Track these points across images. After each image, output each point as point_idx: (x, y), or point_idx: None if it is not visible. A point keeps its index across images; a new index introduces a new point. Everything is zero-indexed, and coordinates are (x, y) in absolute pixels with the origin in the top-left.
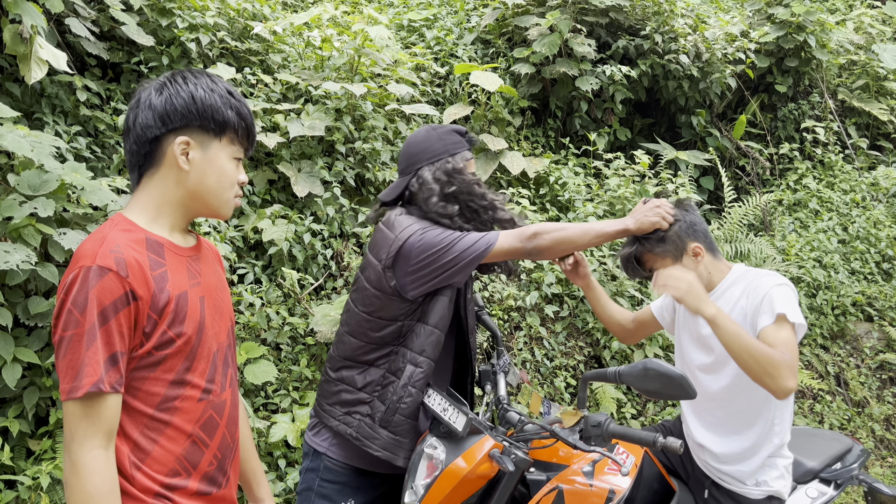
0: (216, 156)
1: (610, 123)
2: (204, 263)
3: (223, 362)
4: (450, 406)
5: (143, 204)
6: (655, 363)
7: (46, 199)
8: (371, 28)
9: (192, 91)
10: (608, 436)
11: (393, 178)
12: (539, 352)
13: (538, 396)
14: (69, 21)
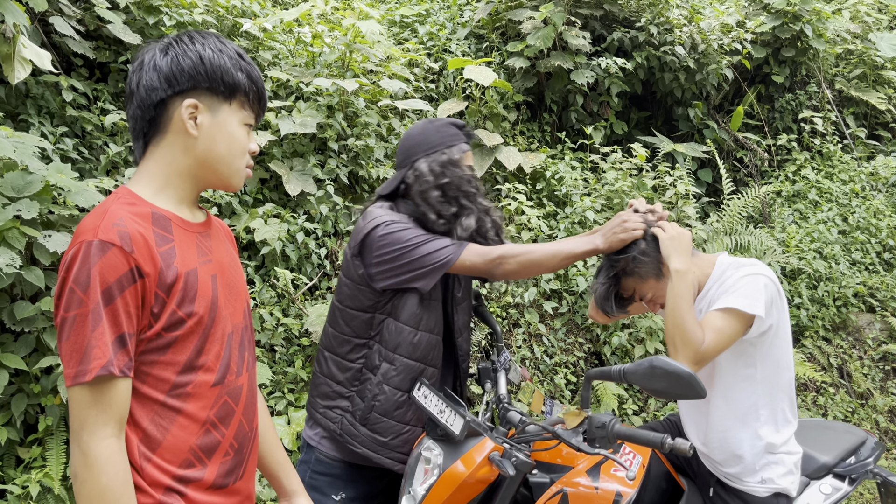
0: (226, 120)
1: (606, 117)
2: (215, 241)
3: (239, 345)
4: (447, 408)
5: (149, 175)
6: (662, 361)
7: (31, 200)
8: (362, 23)
9: (200, 51)
10: (613, 437)
11: (387, 175)
12: (538, 349)
13: (540, 395)
14: (53, 20)
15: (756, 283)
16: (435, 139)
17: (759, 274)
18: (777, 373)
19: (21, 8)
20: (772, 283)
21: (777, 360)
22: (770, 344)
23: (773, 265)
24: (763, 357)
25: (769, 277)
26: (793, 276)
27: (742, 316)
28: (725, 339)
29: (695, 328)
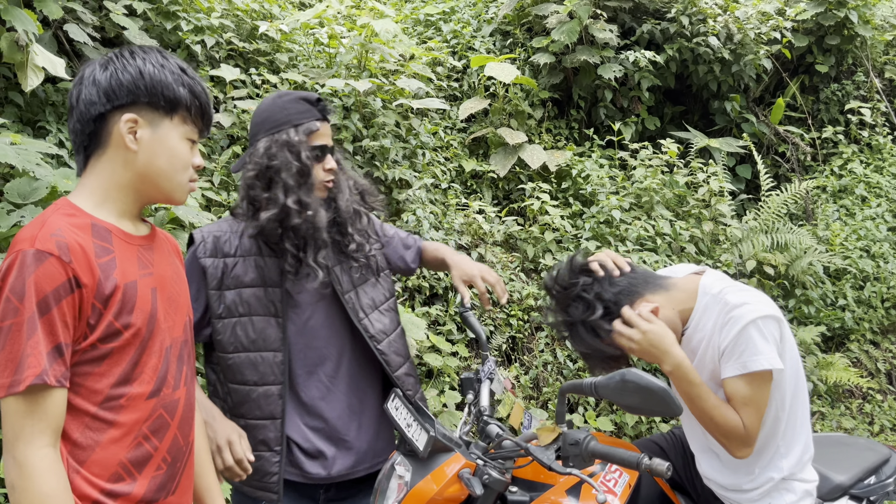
0: (167, 135)
1: (637, 112)
2: (158, 253)
3: (177, 358)
4: (414, 422)
5: (90, 188)
6: (634, 374)
7: (35, 206)
8: (376, 22)
9: (140, 66)
10: (588, 455)
11: (403, 176)
12: (561, 353)
13: (520, 407)
14: (68, 27)
15: (757, 333)
16: (279, 117)
17: (767, 316)
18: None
19: (32, 16)
20: (773, 319)
21: (792, 390)
22: (783, 378)
23: (814, 264)
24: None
25: (770, 316)
26: (837, 277)
27: (765, 376)
28: (762, 405)
29: (730, 416)
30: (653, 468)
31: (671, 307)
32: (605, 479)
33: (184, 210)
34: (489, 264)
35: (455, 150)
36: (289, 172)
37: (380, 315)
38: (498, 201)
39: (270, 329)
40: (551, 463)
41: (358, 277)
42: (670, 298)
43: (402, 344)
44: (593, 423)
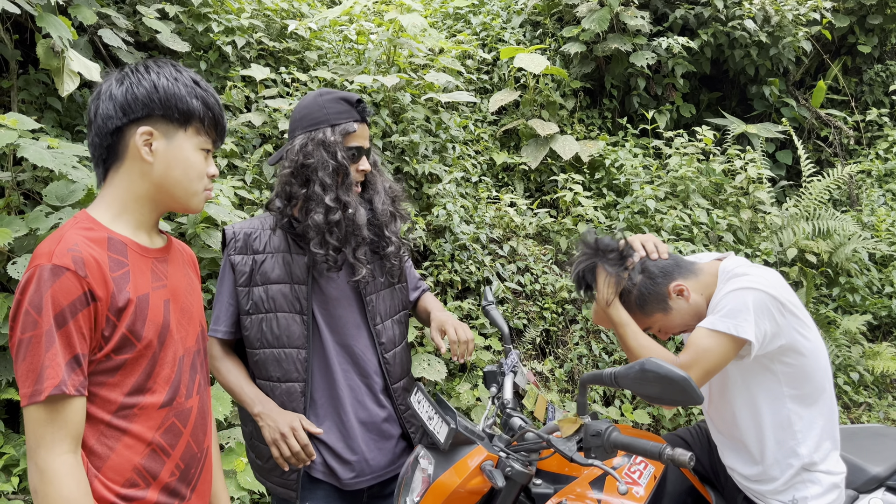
0: (181, 146)
1: (671, 100)
2: (172, 265)
3: (190, 367)
4: (435, 415)
5: (108, 200)
6: (654, 363)
7: (72, 208)
8: (403, 17)
9: (155, 80)
10: (610, 446)
11: (433, 171)
12: (597, 346)
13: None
14: (102, 32)
15: (741, 300)
16: (318, 115)
17: (748, 288)
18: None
19: (67, 22)
20: (766, 296)
21: (808, 375)
22: (792, 361)
23: (859, 251)
24: (789, 375)
25: (763, 291)
26: (883, 263)
27: (727, 338)
28: (710, 360)
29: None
30: (675, 458)
31: (699, 291)
32: (630, 471)
33: (216, 209)
34: (521, 257)
35: (485, 143)
36: (325, 171)
37: (392, 324)
38: (530, 193)
39: (295, 326)
40: (573, 454)
41: (382, 282)
42: (698, 283)
43: (407, 358)
44: (630, 417)
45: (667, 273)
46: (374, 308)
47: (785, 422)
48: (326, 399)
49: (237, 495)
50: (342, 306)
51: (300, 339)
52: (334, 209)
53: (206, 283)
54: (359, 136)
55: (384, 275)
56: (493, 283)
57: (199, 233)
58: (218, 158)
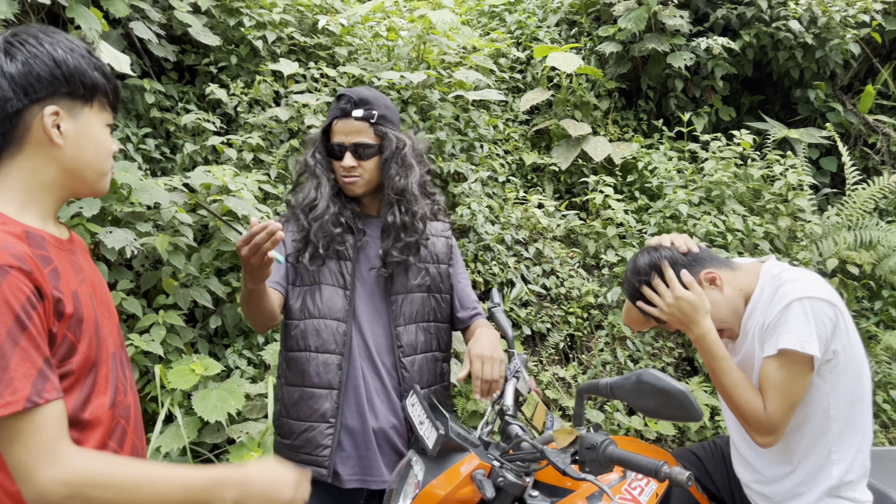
0: (90, 124)
1: (710, 102)
2: (82, 256)
3: (121, 363)
4: (426, 419)
5: (11, 191)
6: (651, 375)
7: (93, 198)
8: (433, 13)
9: (52, 52)
10: (605, 461)
11: (459, 169)
12: (622, 353)
13: (543, 408)
14: (133, 24)
15: (800, 311)
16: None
17: (812, 297)
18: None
19: (98, 14)
20: (820, 301)
21: (850, 389)
22: (838, 374)
23: None
24: (834, 388)
25: (812, 294)
26: None
27: (799, 357)
28: (790, 392)
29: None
30: (672, 477)
31: (735, 286)
32: (631, 487)
33: (238, 202)
34: (547, 259)
35: (515, 143)
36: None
37: (417, 330)
38: (560, 195)
39: (337, 299)
40: (565, 467)
41: (415, 285)
42: (735, 277)
43: (430, 371)
44: (654, 427)
45: (697, 261)
46: (397, 308)
47: (823, 439)
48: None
49: None
50: (375, 296)
51: (341, 311)
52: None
53: (227, 276)
54: (338, 131)
55: (418, 277)
56: (517, 286)
57: (220, 226)
58: (244, 152)
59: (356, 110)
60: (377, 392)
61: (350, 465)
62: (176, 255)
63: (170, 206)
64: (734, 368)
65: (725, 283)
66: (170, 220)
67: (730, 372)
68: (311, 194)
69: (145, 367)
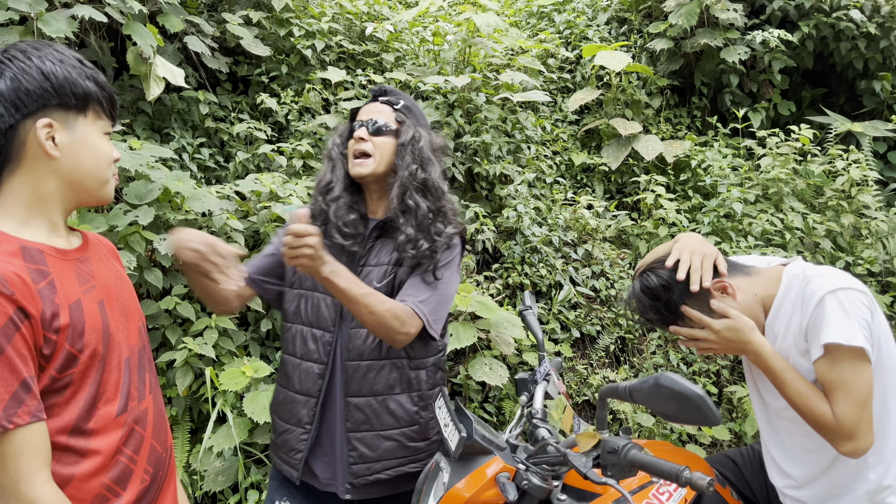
0: (86, 134)
1: (768, 97)
2: (96, 263)
3: (138, 367)
4: (451, 422)
5: (12, 207)
6: (668, 378)
7: (148, 207)
8: (478, 17)
9: (41, 66)
10: (627, 465)
11: (505, 172)
12: (675, 356)
13: (571, 412)
14: (188, 38)
15: (835, 303)
16: None
17: (831, 291)
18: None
19: (154, 30)
20: (853, 291)
21: (881, 388)
22: (878, 372)
23: None
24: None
25: (847, 287)
26: None
27: (846, 351)
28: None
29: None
30: (693, 482)
31: (751, 291)
32: (659, 492)
33: (284, 208)
34: (597, 261)
35: (564, 144)
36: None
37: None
38: (610, 195)
39: (324, 307)
40: (587, 471)
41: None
42: (751, 283)
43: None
44: (707, 432)
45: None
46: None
47: None
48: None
49: None
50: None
51: (327, 321)
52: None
53: None
54: (364, 111)
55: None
56: (565, 288)
57: (270, 231)
58: (294, 160)
59: (382, 96)
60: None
61: (328, 468)
62: None
63: (221, 214)
64: (796, 378)
65: (739, 290)
66: (221, 226)
67: (791, 382)
68: (326, 176)
69: (199, 370)
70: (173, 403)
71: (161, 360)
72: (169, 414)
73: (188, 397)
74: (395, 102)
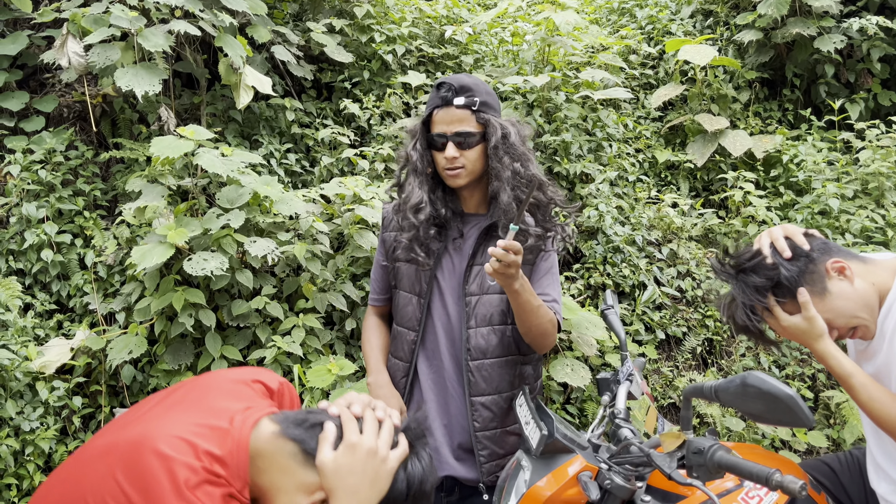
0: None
1: (868, 87)
2: None
3: None
4: (532, 419)
5: None
6: (757, 377)
7: (239, 210)
8: (557, 15)
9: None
10: (713, 466)
11: (585, 170)
12: (766, 358)
13: (655, 412)
14: (275, 48)
15: None
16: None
17: None
18: None
19: (243, 42)
20: None
21: None
22: None
23: None
24: None
25: None
26: None
27: None
28: None
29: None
30: (784, 485)
31: (867, 279)
32: (748, 496)
33: (368, 210)
34: (682, 260)
35: (647, 141)
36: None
37: (490, 333)
38: (696, 193)
39: (411, 307)
40: (671, 472)
41: (494, 286)
42: (866, 269)
43: (499, 376)
44: (802, 438)
45: (824, 250)
46: (471, 309)
47: None
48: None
49: None
50: (451, 298)
51: (412, 320)
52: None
53: (361, 281)
54: (438, 121)
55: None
56: (649, 288)
57: (353, 233)
58: (376, 163)
59: (458, 98)
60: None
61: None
62: (313, 261)
63: (308, 216)
64: (865, 383)
65: (856, 275)
66: (308, 228)
67: (861, 388)
68: (415, 192)
69: (288, 367)
70: None
71: (252, 357)
72: None
73: None
74: (473, 104)
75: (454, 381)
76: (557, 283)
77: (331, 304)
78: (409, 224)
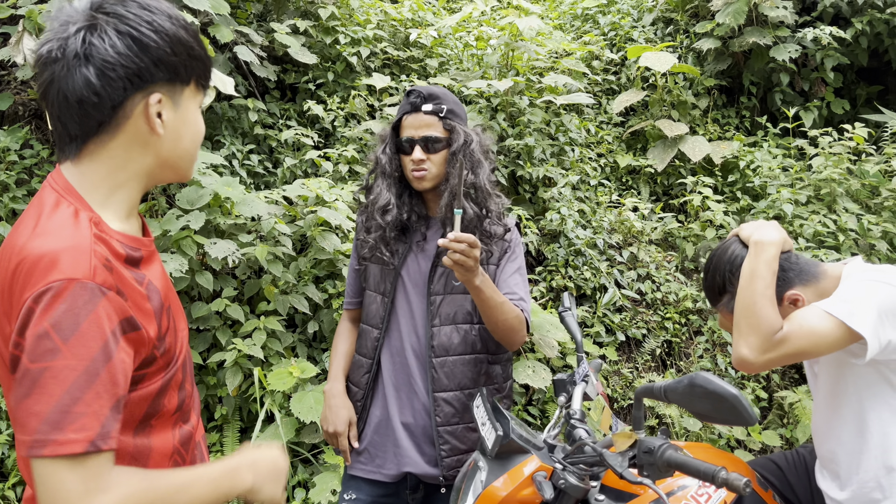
0: (188, 109)
1: (821, 96)
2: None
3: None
4: (488, 420)
5: (93, 181)
6: (703, 378)
7: (199, 212)
8: (520, 20)
9: (160, 25)
10: (663, 465)
11: (548, 174)
12: (723, 360)
13: (609, 412)
14: (238, 48)
15: (867, 291)
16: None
17: (880, 282)
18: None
19: (205, 42)
20: (886, 284)
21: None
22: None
23: None
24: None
25: (885, 281)
26: None
27: (836, 324)
28: (814, 340)
29: (768, 312)
30: (729, 483)
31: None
32: (698, 494)
33: (331, 213)
34: (642, 264)
35: (609, 146)
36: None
37: (453, 331)
38: (657, 197)
39: (375, 305)
40: (623, 471)
41: (457, 286)
42: (817, 290)
43: (461, 373)
44: (757, 438)
45: (787, 280)
46: (435, 308)
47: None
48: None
49: None
50: (416, 298)
51: (375, 318)
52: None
53: (324, 283)
54: (407, 126)
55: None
56: (610, 291)
57: (316, 235)
58: (340, 165)
59: (426, 105)
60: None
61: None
62: (275, 263)
63: (270, 218)
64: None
65: (808, 300)
66: (270, 230)
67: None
68: (383, 194)
69: (249, 370)
70: (224, 403)
71: (212, 360)
72: (219, 413)
73: (238, 397)
74: (440, 110)
75: (418, 378)
76: (525, 283)
77: (293, 306)
78: (376, 224)
